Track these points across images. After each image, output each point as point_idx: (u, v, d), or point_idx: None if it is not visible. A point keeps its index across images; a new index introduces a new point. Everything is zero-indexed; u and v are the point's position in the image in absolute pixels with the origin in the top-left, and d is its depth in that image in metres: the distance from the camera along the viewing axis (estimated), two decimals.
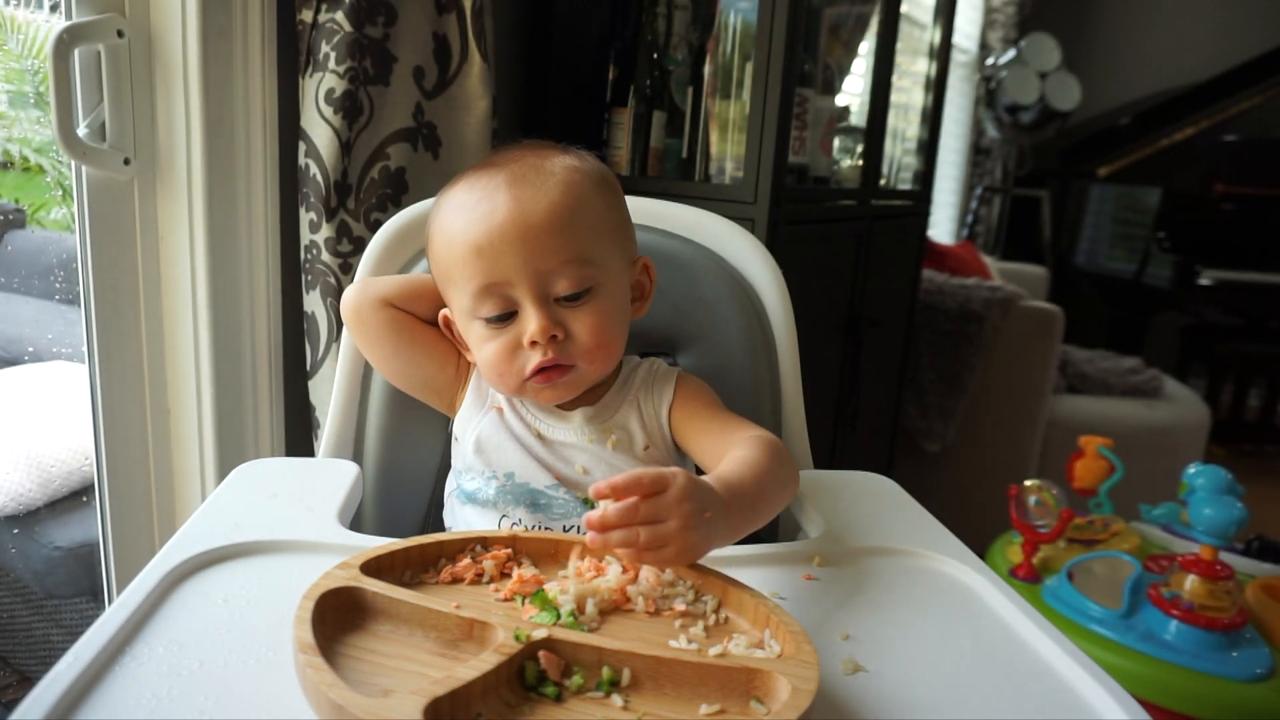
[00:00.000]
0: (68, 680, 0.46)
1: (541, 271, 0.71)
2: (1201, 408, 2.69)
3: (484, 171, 0.74)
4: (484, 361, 0.75)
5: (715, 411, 0.79)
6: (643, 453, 0.79)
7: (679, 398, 0.80)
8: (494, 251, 0.70)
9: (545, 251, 0.70)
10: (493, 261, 0.70)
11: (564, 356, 0.72)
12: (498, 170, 0.73)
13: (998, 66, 3.73)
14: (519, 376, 0.74)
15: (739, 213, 1.36)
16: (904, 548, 0.70)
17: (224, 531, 0.65)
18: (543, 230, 0.70)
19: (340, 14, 1.09)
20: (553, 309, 0.72)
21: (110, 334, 1.09)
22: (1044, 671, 0.55)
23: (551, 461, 0.78)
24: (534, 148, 0.76)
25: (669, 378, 0.82)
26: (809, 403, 0.95)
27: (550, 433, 0.79)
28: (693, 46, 1.54)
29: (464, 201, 0.73)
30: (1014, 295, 2.40)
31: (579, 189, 0.73)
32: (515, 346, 0.73)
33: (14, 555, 1.40)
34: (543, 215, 0.70)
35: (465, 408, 0.82)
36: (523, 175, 0.72)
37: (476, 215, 0.71)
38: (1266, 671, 1.19)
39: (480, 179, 0.73)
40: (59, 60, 0.98)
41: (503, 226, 0.70)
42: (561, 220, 0.71)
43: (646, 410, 0.80)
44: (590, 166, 0.76)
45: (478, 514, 0.78)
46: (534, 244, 0.70)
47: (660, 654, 0.49)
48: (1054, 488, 1.47)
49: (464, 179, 0.75)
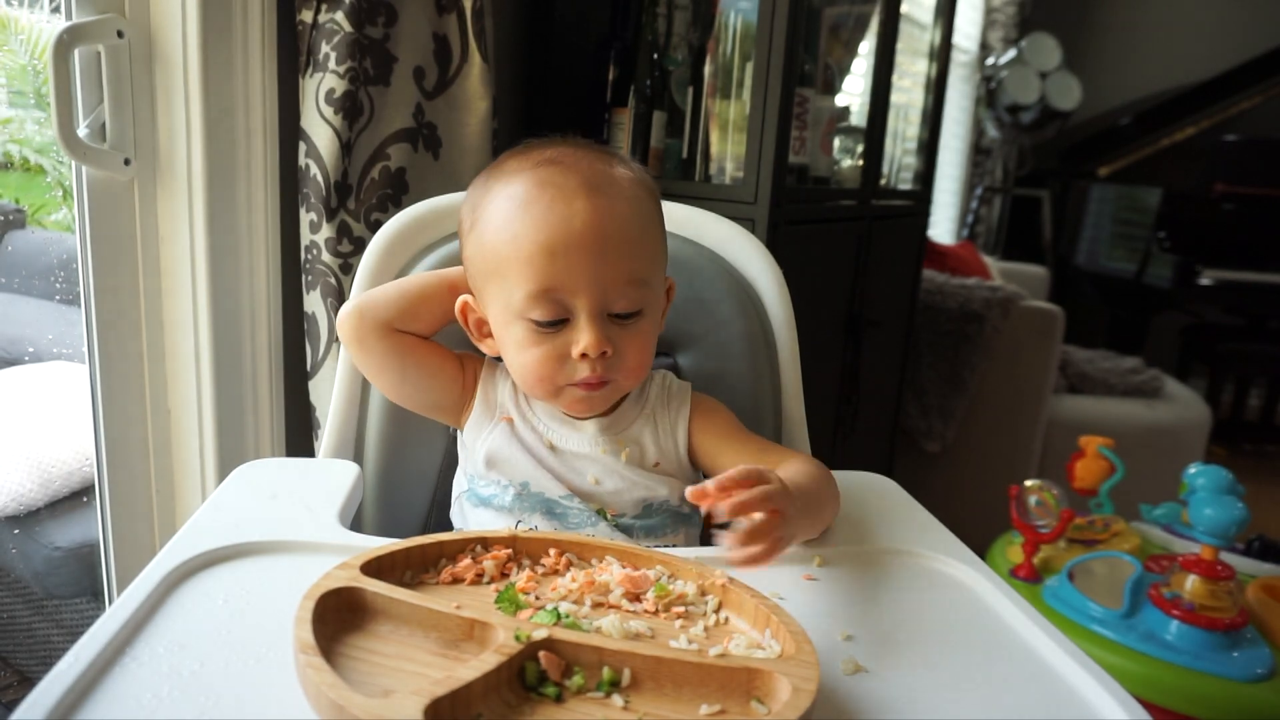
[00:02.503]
0: (68, 680, 0.46)
1: (605, 286, 0.70)
2: (1202, 408, 2.69)
3: (552, 170, 0.71)
4: (524, 364, 0.73)
5: (747, 435, 0.80)
6: (653, 468, 0.78)
7: (699, 417, 0.81)
8: (567, 258, 0.68)
9: (614, 269, 0.70)
10: (563, 267, 0.69)
11: (608, 372, 0.72)
12: (569, 172, 0.70)
13: (998, 66, 3.73)
14: (559, 385, 0.73)
15: (739, 213, 1.36)
16: (904, 548, 0.70)
17: (224, 532, 0.65)
18: (617, 247, 0.69)
19: (340, 14, 1.09)
20: (607, 325, 0.71)
21: (110, 334, 1.09)
22: (1044, 672, 0.55)
23: (563, 472, 0.77)
24: (588, 149, 0.74)
25: (684, 395, 0.82)
26: (809, 403, 0.95)
27: (562, 443, 0.78)
28: (693, 46, 1.54)
29: (534, 198, 0.70)
30: (1014, 295, 2.40)
31: (645, 208, 0.73)
32: (563, 356, 0.72)
33: (14, 555, 1.40)
34: (618, 231, 0.69)
35: (474, 419, 0.80)
36: (598, 184, 0.70)
37: (554, 217, 0.69)
38: (1267, 671, 1.19)
39: (552, 177, 0.70)
40: (59, 61, 0.98)
41: (581, 234, 0.68)
42: (633, 240, 0.71)
43: (662, 426, 0.80)
44: (648, 181, 0.76)
45: (493, 517, 0.78)
46: (606, 258, 0.69)
47: (661, 654, 0.49)
48: (1054, 488, 1.47)
49: (524, 170, 0.72)
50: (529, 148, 0.75)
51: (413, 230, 0.92)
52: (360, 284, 0.90)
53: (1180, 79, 3.92)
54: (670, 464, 0.79)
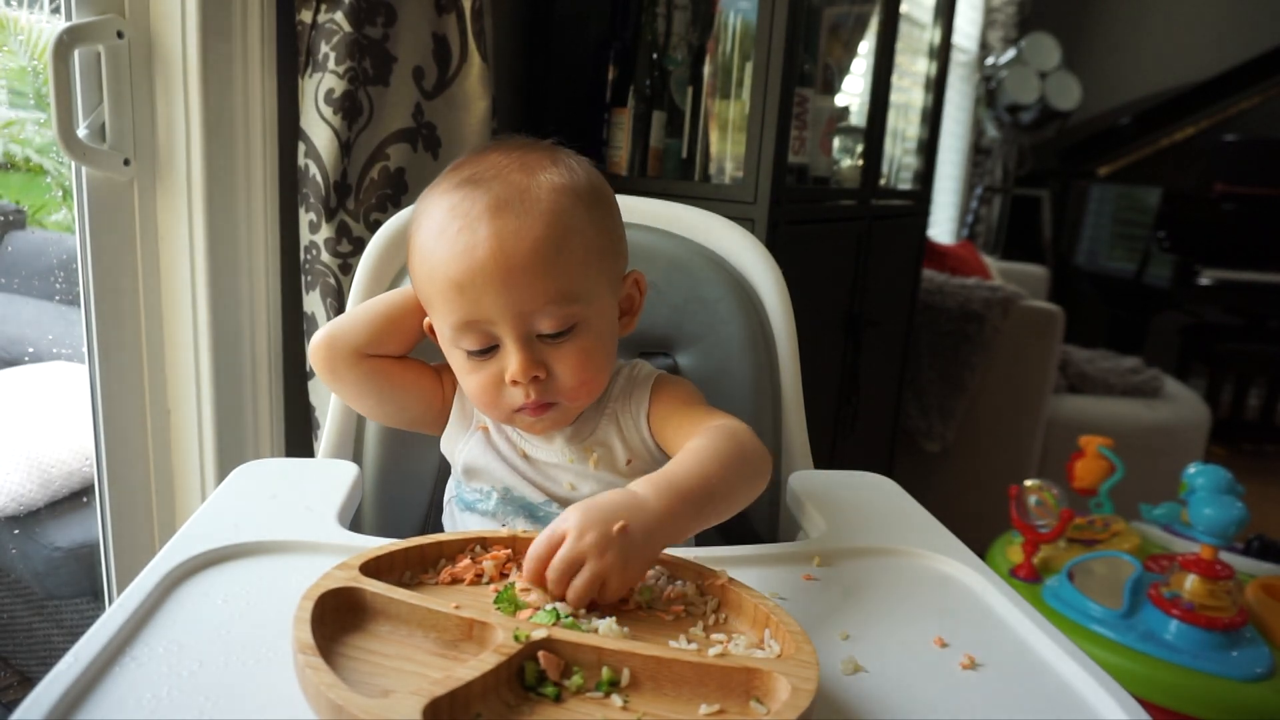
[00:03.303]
0: (68, 681, 0.46)
1: (523, 312, 0.68)
2: (1202, 407, 2.69)
3: (466, 191, 0.68)
4: (469, 390, 0.74)
5: (690, 408, 0.76)
6: (625, 467, 0.77)
7: (655, 402, 0.78)
8: (475, 291, 0.67)
9: (528, 292, 0.67)
10: (474, 300, 0.67)
11: (546, 395, 0.71)
12: (481, 192, 0.68)
13: (998, 66, 3.73)
14: (505, 410, 0.73)
15: (739, 213, 1.36)
16: (904, 548, 0.70)
17: (224, 532, 0.65)
18: (525, 270, 0.66)
19: (340, 14, 1.09)
20: (535, 348, 0.69)
21: (110, 334, 1.09)
22: (1044, 671, 0.55)
23: (540, 480, 0.77)
24: (522, 154, 0.71)
25: (645, 384, 0.79)
26: (809, 403, 0.95)
27: (535, 453, 0.78)
28: (693, 46, 1.54)
29: (444, 228, 0.68)
30: (1014, 295, 2.40)
31: (566, 218, 0.68)
32: (499, 381, 0.71)
33: (14, 556, 1.40)
34: (525, 254, 0.66)
35: (451, 428, 0.80)
36: (506, 202, 0.67)
37: (458, 249, 0.67)
38: (1266, 671, 1.19)
39: (462, 203, 0.68)
40: (59, 61, 0.98)
41: (484, 265, 0.66)
42: (546, 258, 0.67)
43: (625, 423, 0.78)
44: (580, 182, 0.71)
45: (478, 522, 0.78)
46: (516, 284, 0.66)
47: (660, 654, 0.49)
48: (1054, 488, 1.47)
49: (444, 193, 0.70)
50: (465, 160, 0.73)
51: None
52: (359, 284, 0.90)
53: (1180, 79, 3.92)
54: (642, 460, 0.77)
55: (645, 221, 0.95)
